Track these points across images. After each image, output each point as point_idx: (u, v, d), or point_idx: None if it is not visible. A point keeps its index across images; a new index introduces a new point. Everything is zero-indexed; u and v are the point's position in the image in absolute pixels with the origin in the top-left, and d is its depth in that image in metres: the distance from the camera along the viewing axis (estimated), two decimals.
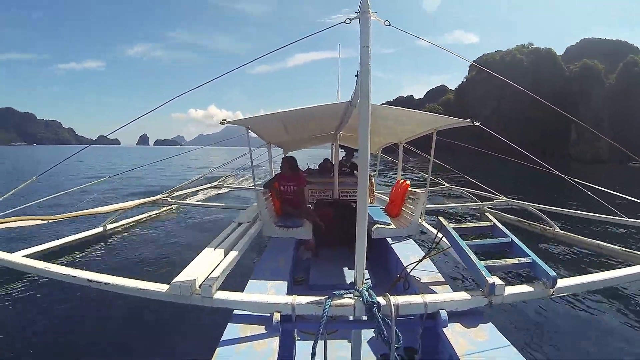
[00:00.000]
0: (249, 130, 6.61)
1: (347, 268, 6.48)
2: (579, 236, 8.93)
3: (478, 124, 5.77)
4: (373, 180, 10.51)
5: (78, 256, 8.46)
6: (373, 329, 4.37)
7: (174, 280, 3.49)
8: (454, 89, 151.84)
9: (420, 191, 6.92)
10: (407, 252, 5.54)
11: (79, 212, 8.52)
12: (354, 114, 6.05)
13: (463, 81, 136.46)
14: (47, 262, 4.18)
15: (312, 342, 2.84)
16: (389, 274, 5.73)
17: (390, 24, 3.49)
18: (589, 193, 7.67)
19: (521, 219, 10.76)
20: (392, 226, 6.67)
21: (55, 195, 7.54)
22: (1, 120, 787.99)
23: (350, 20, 3.29)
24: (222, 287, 3.61)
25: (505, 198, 11.85)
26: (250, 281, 4.26)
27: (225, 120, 5.56)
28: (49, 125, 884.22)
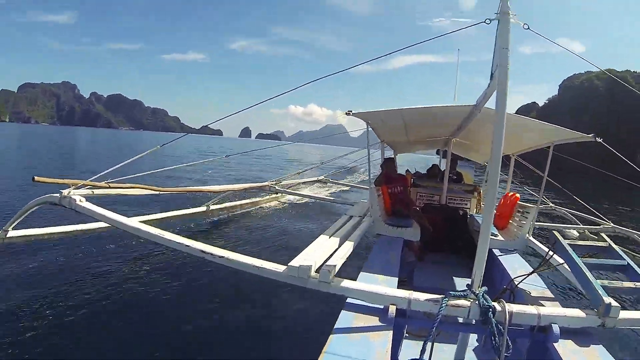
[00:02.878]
0: (368, 126, 6.68)
1: (450, 274, 6.47)
2: None
3: (600, 140, 5.59)
4: (481, 191, 10.35)
5: (182, 231, 8.85)
6: (477, 338, 4.40)
7: (292, 262, 3.57)
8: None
9: (531, 206, 6.77)
10: (514, 265, 5.44)
11: (189, 188, 9.02)
12: (476, 118, 6.00)
13: (545, 102, 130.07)
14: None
15: (417, 340, 2.84)
16: (493, 285, 5.54)
17: (529, 28, 3.49)
18: None
19: (627, 250, 10.02)
20: (500, 237, 6.56)
21: (170, 167, 8.03)
22: (112, 106, 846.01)
23: (490, 20, 3.34)
24: (336, 276, 3.62)
25: (612, 225, 11.17)
26: (361, 273, 4.28)
27: (351, 111, 5.71)
28: (155, 113, 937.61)
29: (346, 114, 5.76)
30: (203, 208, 10.45)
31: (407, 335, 3.99)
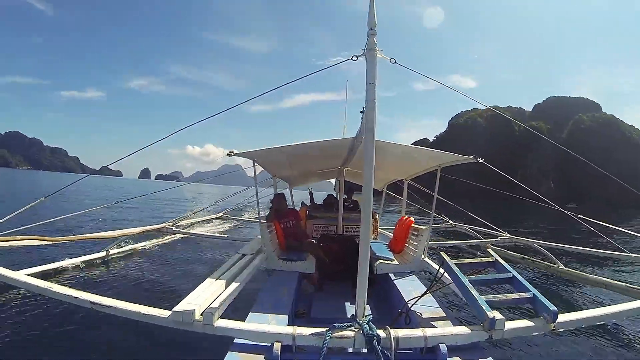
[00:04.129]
0: (255, 164, 6.67)
1: (349, 303, 6.40)
2: (584, 273, 8.95)
3: (481, 160, 5.88)
4: (377, 217, 10.49)
5: (79, 280, 8.34)
6: None
7: (176, 307, 3.51)
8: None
9: (424, 227, 6.91)
10: (409, 288, 5.56)
11: (83, 236, 8.56)
12: (360, 149, 6.10)
13: (434, 139, 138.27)
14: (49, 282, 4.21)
15: None
16: (391, 309, 5.70)
17: (395, 62, 3.61)
18: (592, 228, 7.90)
19: (525, 256, 10.65)
20: (395, 262, 6.68)
21: (60, 217, 7.68)
22: (10, 144, 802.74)
23: (357, 57, 3.41)
24: (224, 317, 3.61)
25: (508, 235, 11.87)
26: (251, 313, 4.26)
27: (233, 151, 5.64)
28: (54, 153, 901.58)
29: (228, 154, 5.69)
30: (103, 254, 9.90)
31: None
